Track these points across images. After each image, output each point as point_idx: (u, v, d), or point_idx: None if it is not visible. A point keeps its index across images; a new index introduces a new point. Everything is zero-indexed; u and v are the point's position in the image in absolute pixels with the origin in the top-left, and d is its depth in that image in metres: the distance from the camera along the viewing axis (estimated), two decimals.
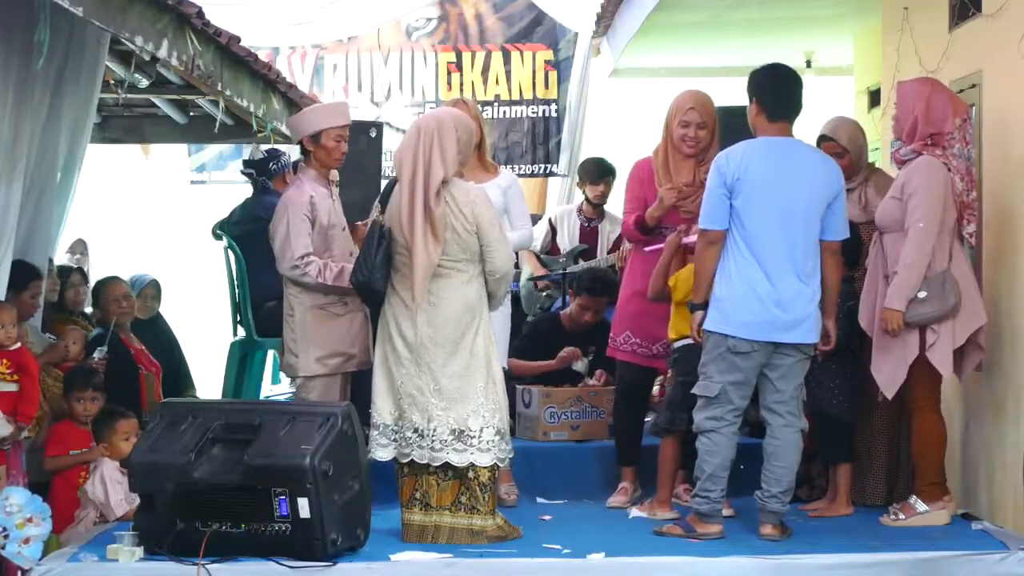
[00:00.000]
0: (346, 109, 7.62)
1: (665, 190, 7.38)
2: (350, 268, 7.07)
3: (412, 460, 6.61)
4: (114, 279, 8.78)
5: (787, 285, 6.58)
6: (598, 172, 9.93)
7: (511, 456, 6.74)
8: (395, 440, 6.62)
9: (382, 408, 6.64)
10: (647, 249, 7.45)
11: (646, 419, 7.87)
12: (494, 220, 6.67)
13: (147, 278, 9.58)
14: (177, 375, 9.43)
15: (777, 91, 6.80)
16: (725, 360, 6.62)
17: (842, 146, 7.37)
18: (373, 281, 6.57)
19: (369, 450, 6.63)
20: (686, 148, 7.42)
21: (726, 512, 7.09)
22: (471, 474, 6.59)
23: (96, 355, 8.10)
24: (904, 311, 6.80)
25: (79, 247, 10.40)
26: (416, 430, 6.57)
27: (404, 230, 6.53)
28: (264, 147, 10.34)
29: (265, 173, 9.51)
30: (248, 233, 9.26)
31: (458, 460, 6.55)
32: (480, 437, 6.57)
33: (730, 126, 8.17)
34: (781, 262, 6.59)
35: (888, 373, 6.92)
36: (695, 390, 6.71)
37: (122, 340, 8.52)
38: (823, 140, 7.42)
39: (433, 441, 6.55)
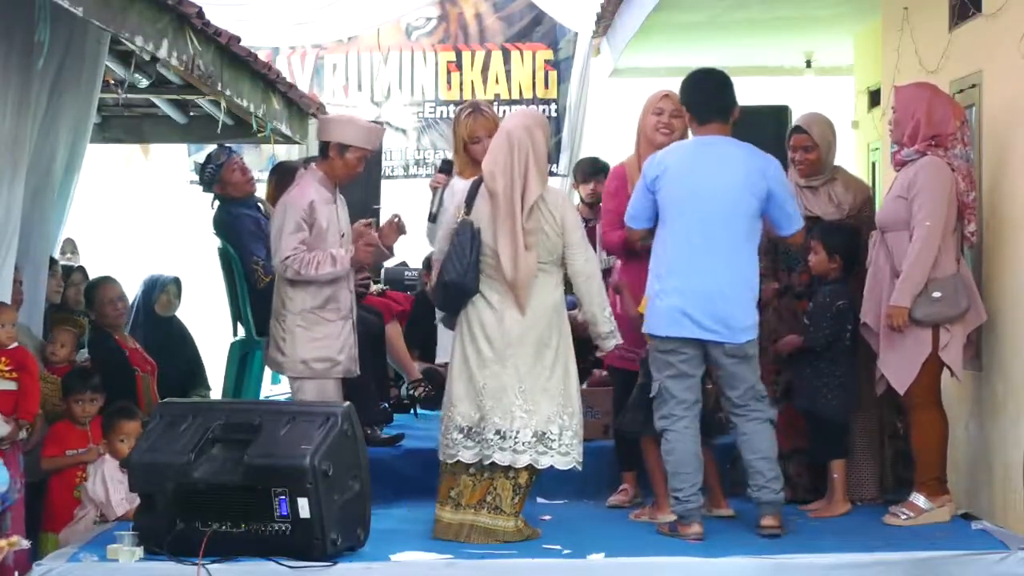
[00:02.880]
0: (381, 136, 7.77)
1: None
2: (341, 252, 7.21)
3: (459, 460, 6.64)
4: (107, 280, 8.70)
5: (707, 282, 6.63)
6: (589, 171, 9.90)
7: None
8: (478, 442, 6.62)
9: (464, 411, 6.65)
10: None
11: None
12: (578, 223, 6.81)
13: (169, 277, 9.57)
14: (192, 374, 9.41)
15: (699, 96, 6.90)
16: (658, 357, 6.71)
17: (813, 140, 7.46)
18: (467, 281, 6.61)
19: (452, 453, 6.65)
20: (660, 136, 7.38)
21: (726, 512, 7.12)
22: (511, 473, 6.62)
23: (77, 358, 8.09)
24: (910, 307, 6.84)
25: (68, 246, 10.39)
26: (498, 432, 6.60)
27: (498, 242, 6.60)
28: (200, 156, 10.17)
29: (206, 184, 9.30)
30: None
31: (539, 462, 6.60)
32: (560, 440, 6.64)
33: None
34: (701, 259, 6.64)
35: (899, 370, 6.96)
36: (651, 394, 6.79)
37: (116, 341, 8.48)
38: (796, 131, 7.51)
39: (516, 443, 6.59)
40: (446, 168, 7.87)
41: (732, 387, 6.74)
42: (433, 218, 7.82)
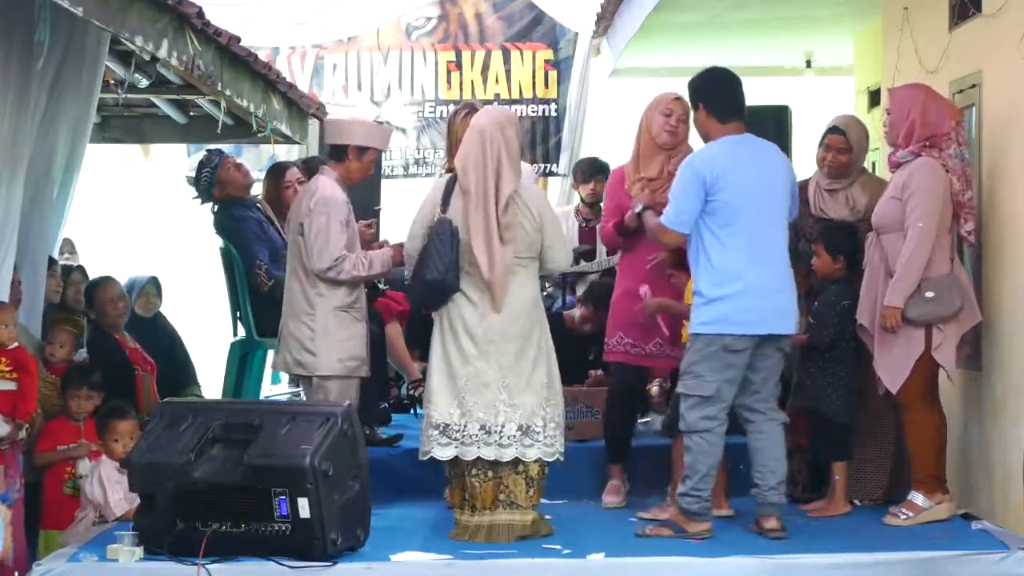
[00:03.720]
0: (390, 136, 7.95)
1: (635, 192, 7.39)
2: (380, 254, 7.32)
3: (456, 459, 6.65)
4: (107, 280, 8.71)
5: (769, 279, 6.65)
6: (589, 171, 9.91)
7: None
8: (456, 439, 6.63)
9: (442, 408, 6.65)
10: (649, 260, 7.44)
11: (643, 419, 7.88)
12: (556, 218, 6.85)
13: (146, 277, 9.56)
14: (178, 373, 9.40)
15: (722, 94, 6.87)
16: (719, 359, 6.64)
17: (849, 143, 7.45)
18: (448, 279, 6.61)
19: (428, 451, 6.66)
20: (665, 136, 7.39)
21: (726, 512, 7.11)
22: (520, 467, 6.63)
23: (76, 358, 8.09)
24: (903, 308, 6.85)
25: (67, 246, 10.38)
26: (483, 427, 6.61)
27: (473, 238, 6.60)
28: (193, 164, 10.17)
29: (204, 191, 9.27)
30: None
31: (526, 455, 6.62)
32: (544, 432, 6.65)
33: None
34: (762, 257, 6.65)
35: (892, 369, 6.97)
36: (685, 389, 6.71)
37: (116, 340, 8.49)
38: (832, 132, 7.48)
39: (501, 437, 6.61)
40: None
41: (771, 381, 6.75)
42: None
